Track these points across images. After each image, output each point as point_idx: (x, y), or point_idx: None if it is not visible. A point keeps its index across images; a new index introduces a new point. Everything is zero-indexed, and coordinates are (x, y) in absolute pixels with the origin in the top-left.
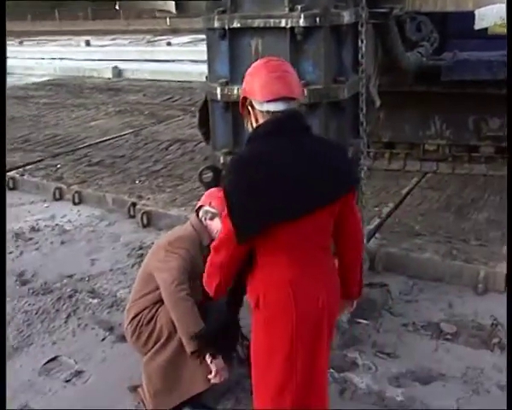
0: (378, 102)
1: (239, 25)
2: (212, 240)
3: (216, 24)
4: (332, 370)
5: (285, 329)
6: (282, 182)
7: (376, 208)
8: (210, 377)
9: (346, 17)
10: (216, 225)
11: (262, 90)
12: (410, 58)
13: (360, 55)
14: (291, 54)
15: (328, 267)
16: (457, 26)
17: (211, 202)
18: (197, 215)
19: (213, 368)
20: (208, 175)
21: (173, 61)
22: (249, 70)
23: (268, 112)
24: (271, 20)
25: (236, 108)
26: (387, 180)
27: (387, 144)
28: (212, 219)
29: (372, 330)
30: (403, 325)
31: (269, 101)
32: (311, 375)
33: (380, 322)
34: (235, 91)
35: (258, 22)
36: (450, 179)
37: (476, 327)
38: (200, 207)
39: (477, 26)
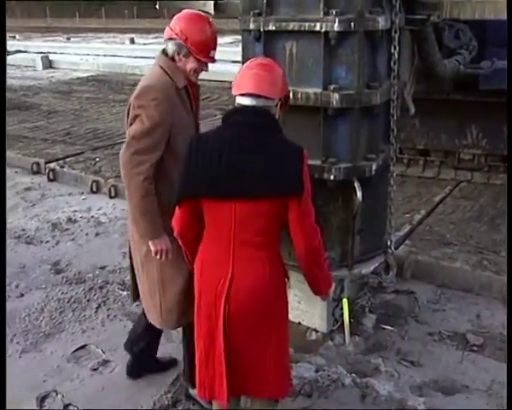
0: (413, 110)
1: (274, 27)
2: (190, 81)
3: (251, 26)
4: (354, 374)
5: (196, 293)
6: (211, 166)
7: (408, 215)
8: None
9: (381, 23)
10: (191, 64)
11: (235, 85)
12: (447, 66)
13: (393, 62)
14: (324, 58)
15: (253, 258)
16: (496, 35)
17: (181, 29)
18: (165, 54)
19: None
20: None
21: (216, 60)
22: None
23: (238, 105)
24: (306, 24)
25: None
26: (420, 187)
27: (422, 151)
28: (187, 55)
29: (397, 337)
30: (428, 334)
31: (239, 95)
32: (208, 353)
33: (405, 329)
34: None
35: (292, 25)
36: (485, 189)
37: (503, 340)
38: (170, 39)
39: None
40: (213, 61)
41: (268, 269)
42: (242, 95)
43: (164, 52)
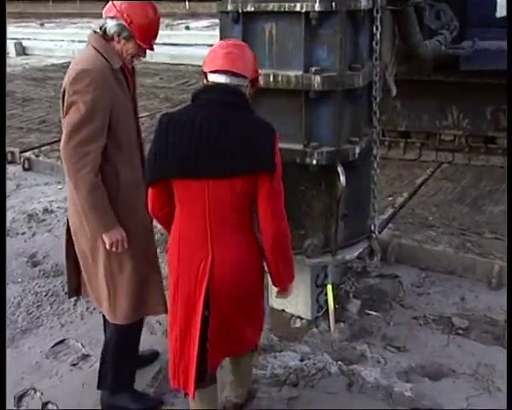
0: (394, 91)
1: (253, 8)
2: (124, 62)
3: (229, 7)
4: (340, 362)
5: (172, 279)
6: (182, 145)
7: (390, 198)
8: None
9: (363, 2)
10: (131, 48)
11: (208, 62)
12: (429, 46)
13: (375, 42)
14: (305, 39)
15: (232, 238)
16: (478, 14)
17: (127, 11)
18: (103, 32)
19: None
20: None
21: (191, 45)
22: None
23: (211, 82)
24: (286, 4)
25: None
26: (402, 170)
27: (403, 133)
28: (127, 39)
29: (382, 322)
30: (414, 318)
31: (212, 71)
32: (184, 341)
33: (390, 314)
34: None
35: (272, 6)
36: (466, 170)
37: (489, 322)
38: (112, 18)
39: (499, 14)
40: (152, 49)
41: (246, 248)
42: (215, 72)
43: (99, 31)
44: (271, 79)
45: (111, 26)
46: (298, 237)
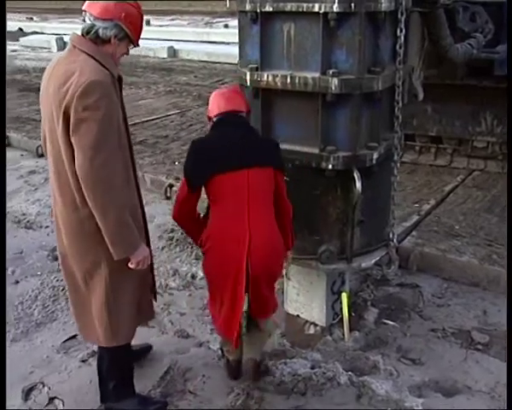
0: (421, 95)
1: (271, 8)
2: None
3: (248, 6)
4: (351, 372)
5: (217, 260)
6: (218, 150)
7: (416, 205)
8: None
9: (384, 4)
10: (124, 48)
11: (214, 109)
12: (460, 50)
13: (398, 45)
14: (324, 40)
15: (265, 217)
16: None
17: (122, 10)
18: (95, 33)
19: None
20: None
21: (229, 43)
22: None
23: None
24: (304, 5)
25: (266, 95)
26: (431, 176)
27: (434, 139)
28: (122, 39)
29: (399, 332)
30: (432, 331)
31: (219, 114)
32: (233, 308)
33: (408, 325)
34: (265, 77)
35: (290, 6)
36: (499, 179)
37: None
38: (108, 20)
39: None
40: (139, 45)
41: (274, 225)
42: (222, 113)
43: (90, 36)
44: (288, 80)
45: (106, 28)
46: (313, 242)
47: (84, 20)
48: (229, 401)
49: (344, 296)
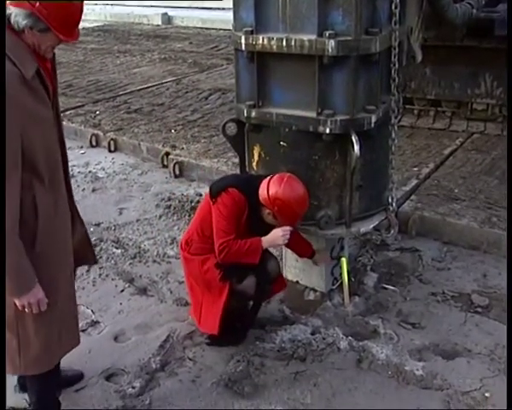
0: (420, 57)
1: None
2: (40, 58)
3: None
4: (351, 337)
5: None
6: None
7: (415, 169)
8: None
9: None
10: (49, 41)
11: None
12: (459, 10)
13: (394, 5)
14: (319, 1)
15: None
16: None
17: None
18: (8, 20)
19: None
20: (232, 128)
21: (224, 8)
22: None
23: None
24: None
25: (262, 59)
26: (430, 139)
27: (433, 102)
28: (44, 31)
29: (398, 297)
30: (431, 294)
31: None
32: None
33: (407, 289)
34: (260, 41)
35: None
36: (498, 141)
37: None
38: (20, 7)
39: None
40: (76, 39)
41: None
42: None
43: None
44: (284, 43)
45: (18, 16)
46: (311, 207)
47: None
48: (230, 368)
49: (343, 261)
